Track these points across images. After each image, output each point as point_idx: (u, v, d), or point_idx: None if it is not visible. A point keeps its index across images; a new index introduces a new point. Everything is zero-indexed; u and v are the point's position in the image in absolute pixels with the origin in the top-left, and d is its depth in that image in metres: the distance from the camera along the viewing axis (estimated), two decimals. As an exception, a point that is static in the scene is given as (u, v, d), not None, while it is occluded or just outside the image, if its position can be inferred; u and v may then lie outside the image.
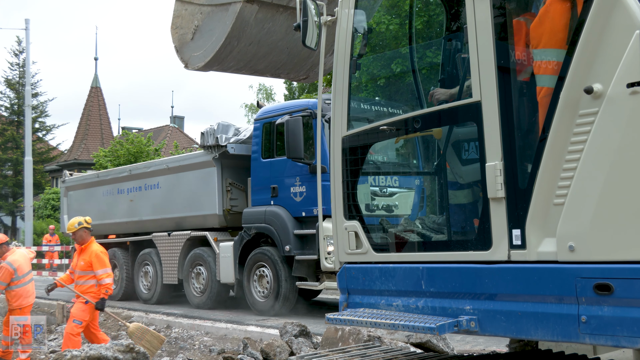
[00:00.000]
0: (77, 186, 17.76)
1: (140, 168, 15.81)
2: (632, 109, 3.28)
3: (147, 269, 14.85)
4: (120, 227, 16.01)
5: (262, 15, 5.84)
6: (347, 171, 4.63)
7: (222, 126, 12.82)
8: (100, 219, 15.92)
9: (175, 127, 52.19)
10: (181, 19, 6.29)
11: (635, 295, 3.25)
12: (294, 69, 6.73)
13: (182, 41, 6.33)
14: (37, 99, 41.35)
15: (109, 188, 16.40)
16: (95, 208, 16.37)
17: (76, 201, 17.53)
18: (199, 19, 6.11)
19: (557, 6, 3.70)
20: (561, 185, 3.54)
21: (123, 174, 16.06)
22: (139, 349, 7.66)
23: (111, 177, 16.62)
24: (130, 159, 31.91)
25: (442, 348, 6.68)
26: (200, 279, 13.25)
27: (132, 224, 15.53)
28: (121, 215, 15.78)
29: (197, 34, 6.18)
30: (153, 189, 14.82)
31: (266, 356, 7.47)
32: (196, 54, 6.18)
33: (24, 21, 28.21)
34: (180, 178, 13.96)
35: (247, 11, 5.76)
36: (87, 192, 17.20)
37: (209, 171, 12.98)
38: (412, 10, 5.42)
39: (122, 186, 15.96)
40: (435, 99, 4.60)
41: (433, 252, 4.27)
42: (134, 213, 15.35)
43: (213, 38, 5.99)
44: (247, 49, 6.10)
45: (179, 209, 13.89)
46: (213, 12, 6.00)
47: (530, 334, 3.67)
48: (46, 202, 39.15)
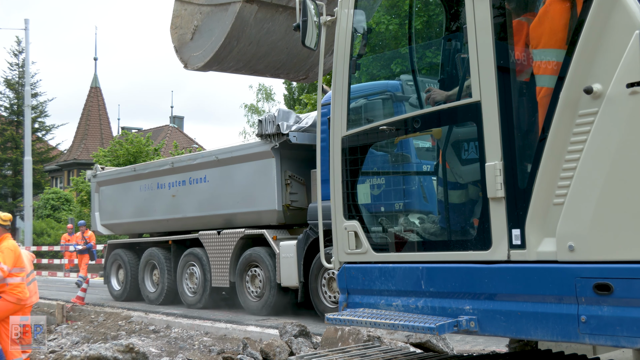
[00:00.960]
0: (110, 181, 16.39)
1: (184, 160, 14.21)
2: (631, 109, 3.28)
3: (193, 270, 13.40)
4: (160, 225, 14.78)
5: (261, 15, 5.81)
6: (346, 171, 4.63)
7: (282, 113, 11.48)
8: (137, 216, 15.18)
9: (174, 127, 52.20)
10: (180, 19, 6.27)
11: (635, 295, 3.26)
12: (293, 69, 6.69)
13: (182, 41, 6.31)
14: (37, 99, 41.40)
15: (147, 183, 14.94)
16: (131, 204, 15.34)
17: (109, 197, 16.34)
18: (198, 19, 6.09)
19: (556, 6, 3.71)
20: (561, 185, 3.54)
21: (164, 167, 14.52)
22: (138, 349, 7.67)
23: (150, 170, 15.09)
24: (130, 159, 31.93)
25: (442, 348, 6.68)
26: (256, 281, 11.99)
27: (174, 222, 14.20)
28: (161, 212, 14.43)
29: (196, 34, 6.15)
30: (199, 183, 13.40)
31: (266, 356, 7.47)
32: (195, 54, 6.16)
33: (23, 21, 28.22)
34: (231, 171, 12.59)
35: (247, 11, 5.72)
36: (122, 188, 15.83)
37: (267, 162, 11.66)
38: (412, 11, 5.42)
39: (162, 180, 14.48)
40: (431, 100, 4.60)
41: (433, 252, 4.27)
42: (176, 210, 13.97)
43: (212, 38, 5.96)
44: (247, 49, 6.05)
45: (229, 204, 12.60)
46: (212, 12, 5.97)
47: (530, 334, 3.68)
48: (46, 202, 39.15)
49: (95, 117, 49.41)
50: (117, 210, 15.96)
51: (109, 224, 16.31)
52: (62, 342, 11.27)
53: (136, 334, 11.36)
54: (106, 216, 16.31)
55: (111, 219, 16.16)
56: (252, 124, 46.16)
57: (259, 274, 11.83)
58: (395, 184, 5.17)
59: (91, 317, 13.41)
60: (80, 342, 11.24)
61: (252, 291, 12.04)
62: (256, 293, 11.94)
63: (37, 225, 33.87)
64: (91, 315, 13.55)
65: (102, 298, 15.63)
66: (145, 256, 14.65)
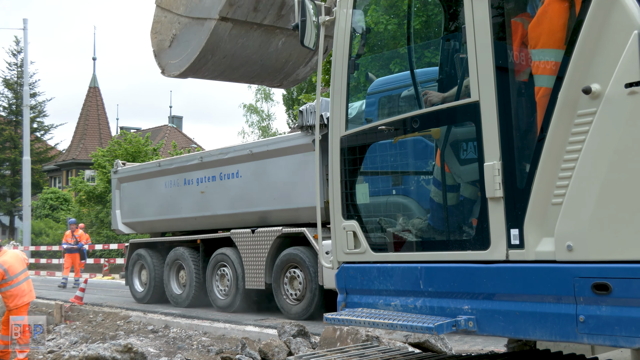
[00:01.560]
0: (133, 177, 15.54)
1: (214, 155, 13.30)
2: (630, 109, 3.28)
3: (224, 271, 12.65)
4: (187, 223, 13.98)
5: (236, 32, 5.95)
6: (345, 171, 4.63)
7: (326, 103, 10.40)
8: (162, 214, 14.43)
9: (173, 127, 52.21)
10: (160, 25, 6.42)
11: (633, 295, 3.26)
12: (267, 78, 6.86)
13: (160, 47, 6.43)
14: (35, 99, 41.38)
15: (174, 179, 14.11)
16: (156, 202, 14.56)
17: (131, 194, 15.53)
18: (177, 28, 6.25)
19: (555, 6, 3.71)
20: (559, 185, 3.55)
21: (192, 162, 13.72)
22: (137, 349, 7.67)
23: (177, 165, 14.20)
24: (129, 159, 31.91)
25: (441, 348, 6.69)
26: (295, 283, 11.32)
27: (202, 220, 13.42)
28: (189, 210, 13.65)
29: (174, 42, 6.28)
30: (231, 179, 12.65)
31: (264, 356, 7.47)
32: (173, 62, 6.31)
33: (22, 21, 28.16)
34: (267, 165, 11.86)
35: (222, 28, 5.85)
36: (146, 184, 15.01)
37: (308, 156, 10.88)
38: (411, 10, 5.42)
39: (190, 176, 13.66)
40: (428, 102, 4.60)
41: (431, 251, 4.27)
42: (205, 207, 13.21)
43: (189, 49, 6.11)
44: (221, 61, 6.20)
45: (264, 201, 11.88)
46: (190, 24, 6.10)
47: (529, 334, 3.68)
48: (44, 202, 39.17)
49: (94, 117, 49.38)
50: (139, 208, 15.26)
51: (130, 222, 15.64)
52: (61, 342, 11.26)
53: (135, 334, 11.35)
54: (128, 214, 15.64)
55: (133, 217, 15.48)
56: (251, 124, 46.22)
57: (299, 275, 11.19)
58: (393, 183, 5.17)
59: (89, 317, 13.40)
60: (79, 342, 11.23)
61: (291, 294, 11.39)
62: (295, 296, 11.30)
63: (35, 225, 33.87)
64: (89, 315, 13.54)
65: (124, 300, 15.32)
66: (172, 256, 13.98)
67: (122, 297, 16.05)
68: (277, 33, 6.22)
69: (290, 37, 6.26)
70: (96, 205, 32.07)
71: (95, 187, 32.32)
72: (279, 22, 6.12)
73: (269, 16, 6.03)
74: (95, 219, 31.58)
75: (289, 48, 6.38)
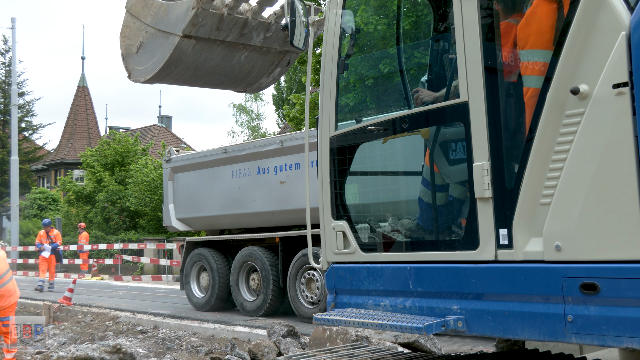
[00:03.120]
0: (191, 166, 13.42)
1: (297, 139, 11.23)
2: (617, 109, 3.30)
3: (312, 275, 10.76)
4: (261, 219, 12.02)
5: (199, 47, 6.15)
6: (334, 171, 4.63)
7: None
8: (228, 208, 12.50)
9: (162, 126, 52.03)
10: (129, 30, 6.60)
11: (621, 295, 3.28)
12: (231, 85, 7.10)
13: (128, 51, 6.61)
14: (24, 98, 41.25)
15: (244, 167, 12.11)
16: (219, 194, 12.58)
17: (188, 186, 13.38)
18: (144, 36, 6.42)
19: (543, 7, 3.72)
20: (548, 185, 3.56)
21: (270, 147, 11.71)
22: (125, 350, 7.64)
23: (248, 152, 12.17)
24: (118, 159, 31.82)
25: (430, 348, 6.70)
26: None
27: (282, 215, 11.51)
28: (264, 204, 11.73)
29: (141, 49, 6.45)
30: None
31: (254, 356, 7.46)
32: (139, 68, 6.51)
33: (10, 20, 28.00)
34: None
35: (185, 44, 6.04)
36: (207, 174, 12.94)
37: None
38: (400, 11, 5.42)
39: (266, 164, 11.71)
40: (419, 100, 4.61)
41: (420, 252, 4.28)
42: (286, 200, 11.23)
43: (154, 59, 6.28)
44: (185, 72, 6.42)
45: None
46: (156, 35, 6.26)
47: (517, 334, 3.69)
48: (32, 202, 38.95)
49: (82, 116, 49.15)
50: (199, 202, 13.13)
51: (187, 218, 13.57)
52: (49, 343, 11.19)
53: (124, 335, 11.30)
54: (184, 209, 13.52)
55: (191, 212, 13.40)
56: (241, 124, 46.14)
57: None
58: (383, 184, 5.18)
59: (78, 317, 13.33)
60: (67, 343, 11.17)
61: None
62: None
63: (23, 225, 33.71)
64: (78, 315, 13.47)
65: (113, 301, 14.95)
66: (241, 257, 12.07)
67: (110, 298, 15.98)
68: (239, 48, 6.44)
69: (253, 52, 6.52)
70: (85, 205, 31.93)
71: (84, 187, 32.19)
72: (241, 40, 6.34)
73: (232, 34, 6.25)
74: (84, 219, 31.44)
75: (251, 61, 6.63)
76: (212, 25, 6.00)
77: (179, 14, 5.97)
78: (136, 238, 27.69)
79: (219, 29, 6.08)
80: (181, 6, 6.00)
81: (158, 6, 6.23)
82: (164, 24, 6.13)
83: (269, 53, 6.62)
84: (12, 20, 28.51)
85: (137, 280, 22.19)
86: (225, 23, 6.05)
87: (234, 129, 62.32)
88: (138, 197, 28.43)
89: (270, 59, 6.69)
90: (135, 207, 28.71)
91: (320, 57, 4.99)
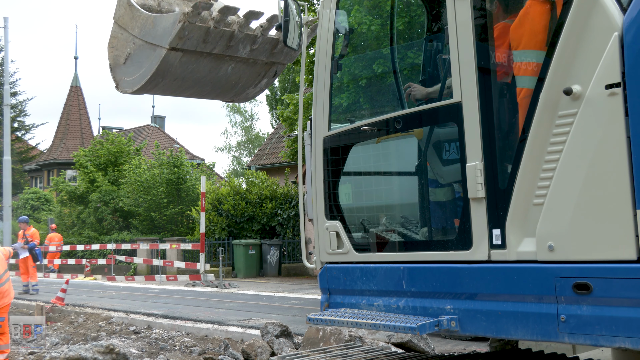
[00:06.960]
0: None
1: None
2: (610, 110, 3.31)
3: None
4: None
5: (186, 59, 6.21)
6: (328, 171, 4.63)
7: None
8: None
9: (156, 127, 51.92)
10: (117, 41, 6.64)
11: (614, 295, 3.29)
12: (218, 96, 7.20)
13: (116, 62, 6.65)
14: (16, 98, 41.04)
15: None
16: None
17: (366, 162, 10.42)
18: (131, 47, 6.46)
19: (536, 8, 3.73)
20: (541, 186, 3.57)
21: None
22: (118, 350, 7.62)
23: None
24: (111, 159, 31.74)
25: (423, 348, 6.71)
26: None
27: None
28: None
29: (129, 60, 6.50)
30: None
31: (247, 357, 7.46)
32: (127, 79, 6.55)
33: (2, 19, 27.83)
34: None
35: (172, 56, 6.10)
36: None
37: None
38: (394, 11, 5.43)
39: None
40: (412, 95, 4.62)
41: (414, 252, 4.29)
42: None
43: (141, 71, 6.33)
44: (173, 83, 6.49)
45: None
46: (143, 46, 6.31)
47: (510, 334, 3.70)
48: (25, 202, 38.80)
49: (75, 116, 49.00)
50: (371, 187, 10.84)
51: None
52: (41, 343, 11.15)
53: (117, 335, 11.27)
54: None
55: None
56: (235, 124, 46.14)
57: None
58: (376, 184, 5.18)
59: (71, 317, 13.28)
60: (60, 343, 11.13)
61: None
62: None
63: (16, 226, 33.50)
64: (71, 316, 13.42)
65: (106, 301, 15.09)
66: None
67: (103, 298, 15.93)
68: (226, 60, 6.49)
69: (240, 63, 6.59)
70: (78, 205, 31.83)
71: (76, 187, 32.09)
72: (228, 52, 6.39)
73: (218, 47, 6.30)
74: (77, 219, 31.34)
75: (238, 72, 6.69)
76: (198, 38, 6.06)
77: (165, 27, 6.02)
78: (129, 238, 27.64)
79: (206, 42, 6.15)
80: (168, 19, 6.05)
81: (145, 18, 6.28)
82: (151, 36, 6.18)
83: (256, 64, 6.69)
84: (4, 19, 28.35)
85: (130, 281, 22.13)
86: (211, 36, 6.13)
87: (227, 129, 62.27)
88: (131, 198, 28.39)
89: (257, 70, 6.78)
90: (128, 207, 28.65)
91: (314, 58, 4.98)
